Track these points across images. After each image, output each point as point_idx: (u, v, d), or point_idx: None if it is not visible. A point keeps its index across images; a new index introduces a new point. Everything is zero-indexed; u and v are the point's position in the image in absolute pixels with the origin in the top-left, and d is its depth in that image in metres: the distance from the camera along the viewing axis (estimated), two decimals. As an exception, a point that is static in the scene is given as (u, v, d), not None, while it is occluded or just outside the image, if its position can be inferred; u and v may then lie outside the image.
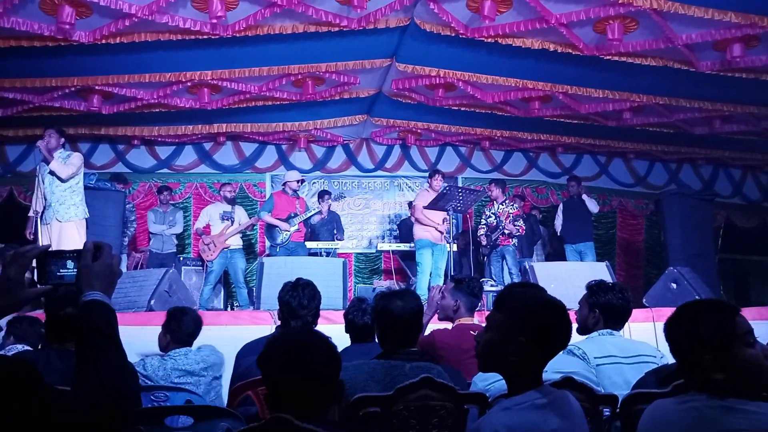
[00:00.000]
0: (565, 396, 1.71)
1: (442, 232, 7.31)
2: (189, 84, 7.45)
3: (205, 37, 6.21)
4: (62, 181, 5.88)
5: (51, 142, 5.88)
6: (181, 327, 3.30)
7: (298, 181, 7.94)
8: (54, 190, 5.87)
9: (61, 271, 1.42)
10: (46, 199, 5.90)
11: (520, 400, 1.63)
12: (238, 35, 6.22)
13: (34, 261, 1.40)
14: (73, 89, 7.39)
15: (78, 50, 6.32)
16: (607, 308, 2.95)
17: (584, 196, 8.60)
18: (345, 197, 8.89)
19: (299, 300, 3.11)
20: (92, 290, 1.36)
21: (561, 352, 2.82)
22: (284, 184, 8.05)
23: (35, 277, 1.43)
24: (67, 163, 5.91)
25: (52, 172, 5.85)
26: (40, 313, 3.67)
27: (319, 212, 7.91)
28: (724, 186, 11.26)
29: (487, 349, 1.74)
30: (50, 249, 1.41)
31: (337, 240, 8.38)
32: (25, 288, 1.36)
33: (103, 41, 6.10)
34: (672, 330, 1.71)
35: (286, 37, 6.41)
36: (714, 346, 1.59)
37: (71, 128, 8.29)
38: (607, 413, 2.41)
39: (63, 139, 6.09)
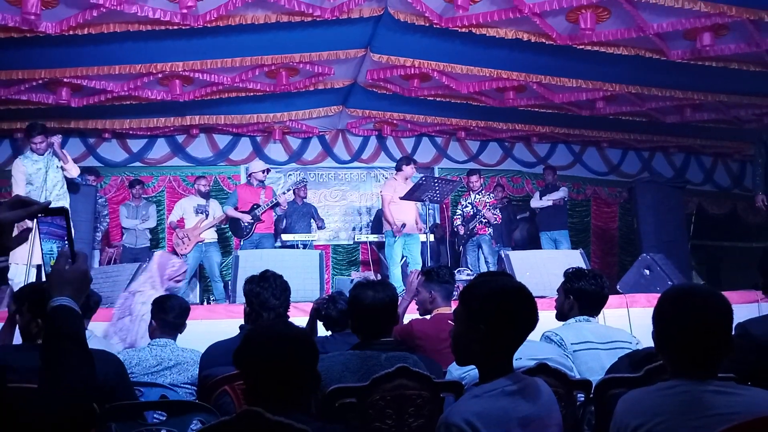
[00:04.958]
0: (536, 382, 1.72)
1: (403, 228, 7.15)
2: (160, 75, 7.33)
3: (175, 27, 6.10)
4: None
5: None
6: (167, 313, 3.27)
7: (263, 171, 7.79)
8: (52, 189, 6.03)
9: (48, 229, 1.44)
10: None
11: (489, 387, 1.64)
12: (209, 25, 6.12)
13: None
14: (40, 82, 7.21)
15: (45, 42, 6.17)
16: (579, 294, 3.00)
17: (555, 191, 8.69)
18: (306, 181, 8.73)
19: (272, 291, 3.00)
20: (62, 295, 1.37)
21: (538, 339, 2.88)
22: (249, 175, 7.94)
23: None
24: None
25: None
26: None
27: (278, 204, 7.68)
28: (695, 173, 11.45)
29: (455, 342, 1.77)
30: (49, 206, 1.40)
31: (319, 229, 8.27)
32: (11, 236, 1.35)
33: (71, 32, 5.96)
34: (668, 313, 1.67)
35: (259, 27, 6.33)
36: (719, 330, 1.61)
37: (40, 122, 8.09)
38: (582, 398, 2.44)
39: None
